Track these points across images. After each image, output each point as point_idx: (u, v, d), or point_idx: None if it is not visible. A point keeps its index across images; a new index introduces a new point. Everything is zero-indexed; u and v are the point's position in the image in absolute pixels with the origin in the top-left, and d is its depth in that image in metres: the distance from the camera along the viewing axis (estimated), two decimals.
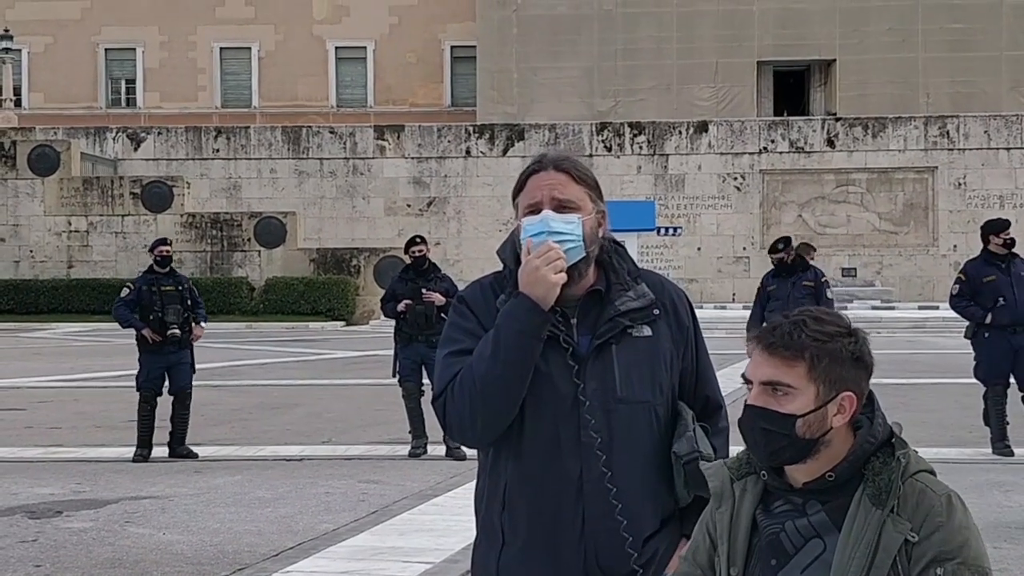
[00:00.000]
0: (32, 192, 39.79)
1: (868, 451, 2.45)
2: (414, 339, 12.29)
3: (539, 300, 2.96)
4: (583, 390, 3.00)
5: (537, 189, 3.06)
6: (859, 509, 2.40)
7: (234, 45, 52.36)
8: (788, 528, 2.46)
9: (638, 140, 42.09)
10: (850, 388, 2.44)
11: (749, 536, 2.51)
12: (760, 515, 2.51)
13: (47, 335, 32.94)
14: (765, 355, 2.45)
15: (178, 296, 12.35)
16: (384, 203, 42.62)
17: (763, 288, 13.50)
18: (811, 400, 2.42)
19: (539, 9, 47.05)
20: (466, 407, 2.98)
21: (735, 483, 2.56)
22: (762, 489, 2.53)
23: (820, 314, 2.48)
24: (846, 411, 2.45)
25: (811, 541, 2.44)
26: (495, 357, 2.95)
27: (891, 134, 41.75)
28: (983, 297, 11.66)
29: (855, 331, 2.48)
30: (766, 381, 2.44)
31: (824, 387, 2.42)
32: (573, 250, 3.01)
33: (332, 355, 25.58)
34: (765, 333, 2.46)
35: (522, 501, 3.03)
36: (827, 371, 2.42)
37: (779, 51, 46.88)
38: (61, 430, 14.33)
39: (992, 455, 11.55)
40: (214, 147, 43.32)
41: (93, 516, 9.41)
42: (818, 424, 2.43)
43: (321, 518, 9.27)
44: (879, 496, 2.40)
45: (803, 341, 2.41)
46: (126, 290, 12.45)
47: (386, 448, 12.68)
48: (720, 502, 2.57)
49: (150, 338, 12.13)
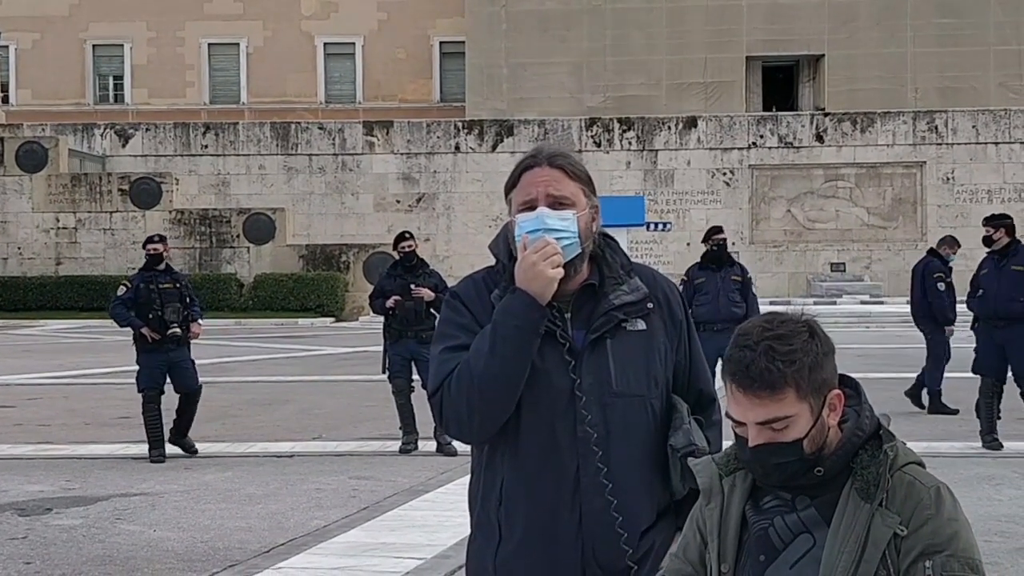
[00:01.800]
0: (20, 189, 39.66)
1: (856, 444, 2.44)
2: (403, 335, 12.27)
3: (536, 295, 2.96)
4: (579, 385, 3.00)
5: (532, 185, 3.05)
6: (848, 503, 2.40)
7: (222, 41, 52.24)
8: (777, 524, 2.45)
9: (627, 135, 42.10)
10: (832, 385, 2.44)
11: (739, 532, 2.50)
12: (750, 511, 2.50)
13: (36, 332, 32.86)
14: (751, 398, 2.40)
15: (177, 293, 12.08)
16: (373, 199, 42.58)
17: (690, 281, 12.66)
18: (808, 418, 2.41)
19: (528, 4, 47.02)
20: (463, 403, 2.97)
21: (724, 479, 2.54)
22: (751, 485, 2.51)
23: (777, 328, 2.41)
24: (837, 408, 2.45)
25: (800, 536, 2.43)
26: (493, 353, 2.94)
27: (880, 129, 41.80)
28: (979, 290, 11.92)
29: (808, 323, 2.44)
30: (762, 422, 2.41)
31: (814, 399, 2.41)
32: (569, 246, 3.01)
33: (322, 351, 25.56)
34: (740, 375, 2.39)
35: (519, 497, 3.03)
36: (811, 385, 2.39)
37: (768, 46, 46.93)
38: (51, 427, 14.30)
39: (982, 448, 11.61)
40: (203, 143, 43.23)
41: (83, 513, 9.39)
42: (820, 434, 2.42)
43: (312, 514, 9.26)
44: (867, 490, 2.39)
45: (781, 371, 2.37)
46: (123, 288, 12.13)
47: (377, 444, 12.68)
48: (709, 499, 2.55)
49: (150, 337, 11.85)
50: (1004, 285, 11.66)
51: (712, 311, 12.18)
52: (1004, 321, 11.61)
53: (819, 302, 36.76)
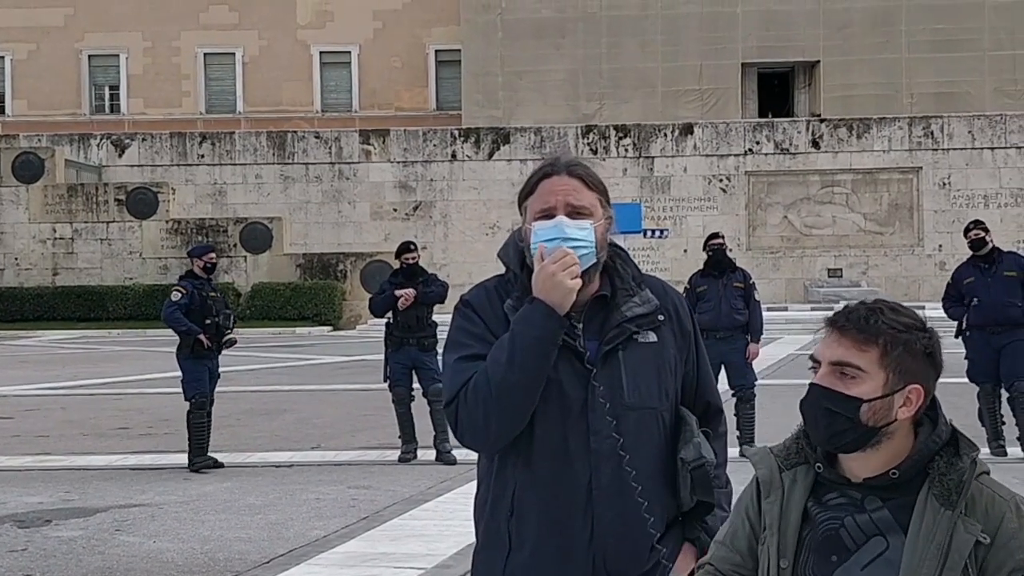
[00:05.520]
0: (16, 199, 39.63)
1: (932, 450, 2.42)
2: (405, 343, 12.22)
3: (555, 306, 2.94)
4: (593, 396, 2.98)
5: (550, 194, 3.03)
6: (927, 509, 2.37)
7: (218, 50, 52.24)
8: (848, 523, 2.42)
9: (624, 143, 42.12)
10: (919, 381, 2.41)
11: (799, 527, 2.47)
12: (813, 506, 2.46)
13: (33, 343, 32.82)
14: (837, 335, 2.42)
15: (223, 302, 12.26)
16: (370, 207, 42.56)
17: (692, 289, 12.53)
18: (879, 386, 2.39)
19: (523, 12, 47.05)
20: (480, 412, 2.95)
21: (783, 472, 2.51)
22: (813, 480, 2.49)
23: (896, 305, 2.46)
24: (912, 404, 2.41)
25: (873, 539, 2.40)
26: (512, 363, 2.92)
27: (875, 135, 41.83)
28: (968, 299, 11.91)
29: (930, 329, 2.45)
30: (836, 361, 2.41)
31: (894, 376, 2.39)
32: (586, 256, 2.99)
33: (320, 360, 25.53)
34: (840, 315, 2.44)
35: (531, 507, 3.01)
36: (899, 360, 2.39)
37: (763, 53, 46.95)
38: (49, 438, 14.27)
39: (989, 455, 11.64)
40: (199, 153, 43.21)
41: (82, 524, 9.37)
42: (883, 412, 2.40)
43: (312, 524, 9.24)
44: (948, 496, 2.36)
45: (879, 327, 2.39)
46: (177, 294, 11.96)
47: (376, 453, 12.66)
48: (769, 491, 2.51)
49: (206, 344, 11.85)
50: (997, 292, 11.71)
51: (714, 318, 12.15)
52: (1001, 327, 11.66)
53: (816, 308, 36.76)
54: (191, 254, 12.66)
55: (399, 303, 12.13)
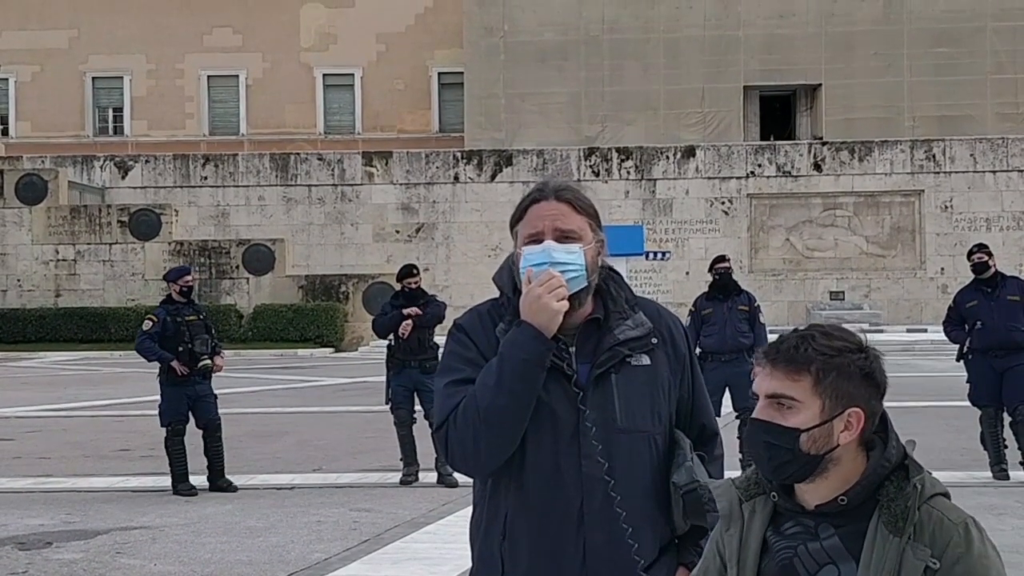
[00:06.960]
0: (20, 221, 39.71)
1: (882, 475, 2.40)
2: (407, 365, 12.23)
3: (542, 328, 2.96)
4: (584, 419, 2.99)
5: (538, 219, 3.05)
6: (876, 536, 2.36)
7: (222, 73, 52.38)
8: (800, 552, 2.42)
9: (626, 165, 42.19)
10: (858, 404, 2.40)
11: (759, 558, 2.47)
12: (772, 536, 2.47)
13: (35, 364, 32.82)
14: (770, 368, 2.42)
15: (202, 325, 12.01)
16: (372, 229, 42.62)
17: (696, 312, 12.51)
18: (816, 414, 2.38)
19: (526, 35, 47.19)
20: (470, 437, 2.96)
21: (744, 504, 2.52)
22: (772, 510, 2.49)
23: (830, 329, 2.44)
24: (853, 428, 2.40)
25: (825, 567, 2.40)
26: (499, 386, 2.93)
27: (877, 158, 41.89)
28: (969, 322, 11.93)
29: (866, 348, 2.43)
30: (771, 394, 2.41)
31: (831, 401, 2.38)
32: (575, 279, 3.00)
33: (321, 382, 25.51)
34: (771, 347, 2.44)
35: (523, 531, 3.01)
36: (834, 385, 2.38)
37: (765, 76, 47.05)
38: (50, 460, 14.25)
39: (992, 479, 11.64)
40: (202, 175, 43.31)
41: (83, 547, 9.35)
42: (824, 440, 2.39)
43: (313, 547, 9.22)
44: (895, 523, 2.36)
45: (808, 355, 2.38)
46: (149, 323, 11.91)
47: (377, 476, 12.64)
48: (729, 524, 2.52)
49: (180, 371, 11.78)
50: (1000, 315, 11.75)
51: (719, 341, 12.14)
52: (1004, 351, 11.68)
53: None
54: (167, 278, 12.47)
55: (399, 330, 12.13)
